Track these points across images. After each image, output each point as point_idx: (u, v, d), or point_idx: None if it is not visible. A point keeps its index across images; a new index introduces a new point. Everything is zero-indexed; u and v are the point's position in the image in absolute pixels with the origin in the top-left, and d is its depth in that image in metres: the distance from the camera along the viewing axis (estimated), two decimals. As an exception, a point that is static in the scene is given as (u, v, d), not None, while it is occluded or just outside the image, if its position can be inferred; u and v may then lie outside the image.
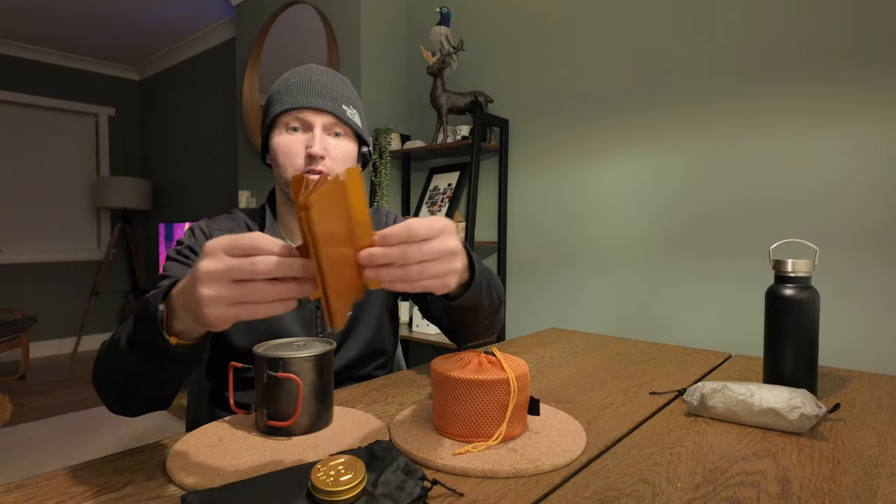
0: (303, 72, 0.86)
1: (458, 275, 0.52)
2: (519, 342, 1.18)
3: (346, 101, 0.87)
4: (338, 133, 0.85)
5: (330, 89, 0.85)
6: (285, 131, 0.84)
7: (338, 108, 0.84)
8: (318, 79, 0.85)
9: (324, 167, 0.82)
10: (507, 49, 2.20)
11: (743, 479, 0.53)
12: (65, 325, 4.37)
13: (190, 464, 0.54)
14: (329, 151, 0.83)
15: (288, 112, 0.83)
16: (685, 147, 1.72)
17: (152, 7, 3.42)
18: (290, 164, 0.83)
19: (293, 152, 0.83)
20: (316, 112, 0.83)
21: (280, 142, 0.83)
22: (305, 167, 0.82)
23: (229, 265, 0.45)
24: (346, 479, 0.45)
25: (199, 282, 0.45)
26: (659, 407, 0.75)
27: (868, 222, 1.40)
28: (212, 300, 0.45)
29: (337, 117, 0.84)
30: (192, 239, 0.86)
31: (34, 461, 2.31)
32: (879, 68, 1.38)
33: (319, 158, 0.82)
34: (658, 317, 1.79)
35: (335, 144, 0.84)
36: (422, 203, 2.41)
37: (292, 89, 0.84)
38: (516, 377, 0.60)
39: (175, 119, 4.27)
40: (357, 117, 0.88)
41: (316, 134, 0.82)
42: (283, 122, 0.84)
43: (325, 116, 0.83)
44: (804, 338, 0.75)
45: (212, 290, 0.45)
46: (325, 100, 0.83)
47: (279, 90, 0.85)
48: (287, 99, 0.83)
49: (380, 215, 0.99)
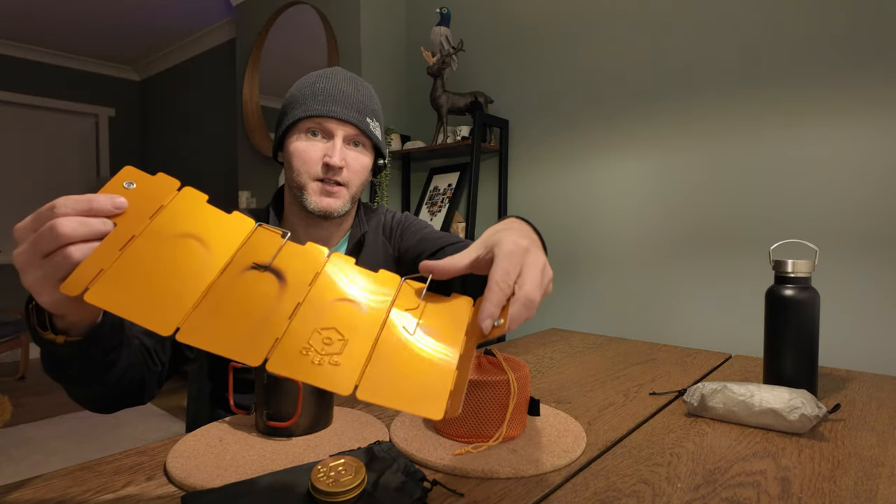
0: (330, 76, 0.85)
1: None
2: (519, 342, 1.18)
3: (371, 113, 0.86)
4: (357, 143, 0.85)
5: (356, 100, 0.84)
6: (304, 136, 0.83)
7: (362, 120, 0.84)
8: (346, 87, 0.84)
9: (340, 178, 0.82)
10: (507, 49, 2.20)
11: (743, 479, 0.52)
12: (65, 325, 4.37)
13: (190, 464, 0.54)
14: (347, 162, 0.83)
15: (311, 118, 0.82)
16: (685, 147, 1.72)
17: (152, 7, 3.42)
18: (305, 170, 0.82)
19: (311, 159, 0.82)
20: (339, 122, 0.82)
21: (298, 146, 0.82)
22: (321, 175, 0.82)
23: (32, 240, 0.40)
24: (346, 479, 0.45)
25: (20, 273, 0.41)
26: (659, 407, 0.75)
27: (868, 222, 1.40)
28: (37, 286, 0.41)
29: (360, 129, 0.83)
30: None
31: (34, 461, 2.31)
32: (880, 68, 1.38)
33: (338, 169, 0.82)
34: (658, 317, 1.79)
35: (354, 157, 0.84)
36: (422, 203, 2.41)
37: (318, 95, 0.82)
38: (516, 377, 0.60)
39: (175, 119, 4.27)
40: (378, 130, 0.88)
41: (336, 144, 0.82)
42: (304, 126, 0.83)
43: (348, 127, 0.83)
44: (804, 338, 0.75)
45: (30, 276, 0.40)
46: (350, 111, 0.83)
47: (304, 93, 0.84)
48: (312, 104, 0.82)
49: (378, 214, 0.98)
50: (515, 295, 0.43)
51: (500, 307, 0.42)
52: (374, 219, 0.96)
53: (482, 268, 0.47)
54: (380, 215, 0.98)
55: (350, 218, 0.93)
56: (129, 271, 0.38)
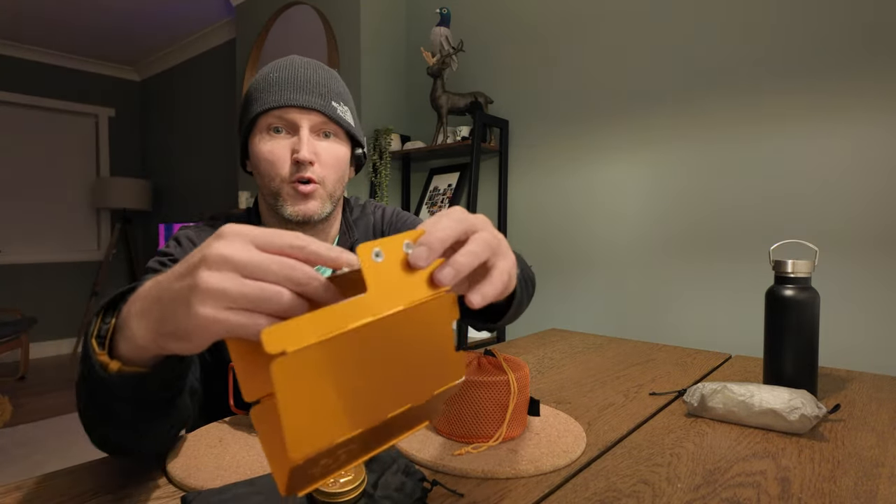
0: (285, 65, 0.75)
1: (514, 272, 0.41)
2: (519, 342, 1.18)
3: (336, 96, 0.76)
4: (327, 134, 0.75)
5: (316, 84, 0.74)
6: (267, 134, 0.73)
7: (327, 105, 0.73)
8: (303, 72, 0.74)
9: (313, 174, 0.72)
10: (507, 50, 2.20)
11: (743, 479, 0.52)
12: (65, 325, 4.37)
13: (190, 464, 0.54)
14: (319, 156, 0.73)
15: (269, 112, 0.72)
16: (685, 148, 1.72)
17: (152, 7, 3.42)
18: (274, 172, 0.72)
19: (278, 158, 0.72)
20: (302, 111, 0.72)
21: (262, 147, 0.73)
22: (293, 175, 0.72)
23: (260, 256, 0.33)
24: (345, 480, 0.45)
25: (204, 265, 0.33)
26: (659, 408, 0.75)
27: (868, 223, 1.40)
28: (214, 294, 0.32)
29: (326, 116, 0.73)
30: (180, 249, 0.75)
31: (34, 461, 2.31)
32: (880, 68, 1.38)
33: (308, 164, 0.72)
34: (658, 317, 1.79)
35: (325, 147, 0.74)
36: (422, 204, 2.41)
37: (273, 85, 0.72)
38: (516, 378, 0.60)
39: (175, 119, 4.27)
40: (349, 115, 0.78)
41: (303, 136, 0.72)
42: (264, 123, 0.73)
43: (313, 115, 0.73)
44: (804, 338, 0.75)
45: (218, 280, 0.32)
46: (311, 96, 0.72)
47: (258, 87, 0.74)
48: (268, 97, 0.72)
49: (365, 215, 0.90)
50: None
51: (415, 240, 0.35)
52: (363, 222, 0.89)
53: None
54: (368, 216, 0.90)
55: (335, 222, 0.83)
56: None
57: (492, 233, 0.39)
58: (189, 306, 0.33)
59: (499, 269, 0.38)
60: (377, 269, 0.33)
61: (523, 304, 0.67)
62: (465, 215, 0.38)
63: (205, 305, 0.32)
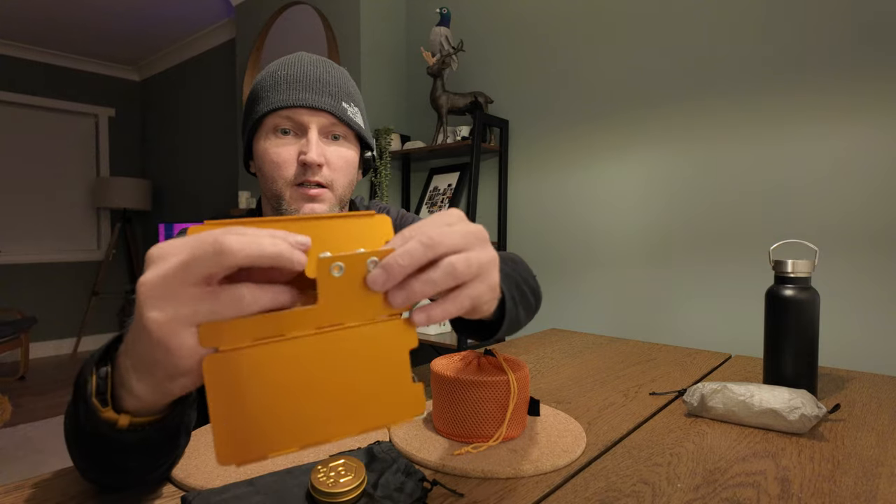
0: (293, 62, 0.71)
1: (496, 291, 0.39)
2: (519, 342, 1.18)
3: (347, 97, 0.73)
4: (336, 136, 0.72)
5: (327, 83, 0.71)
6: (273, 135, 0.70)
7: (337, 105, 0.70)
8: (313, 70, 0.71)
9: (322, 178, 0.69)
10: (507, 50, 2.20)
11: (743, 479, 0.52)
12: (65, 325, 4.37)
13: (190, 464, 0.54)
14: (328, 159, 0.70)
15: (277, 111, 0.69)
16: (685, 148, 1.72)
17: (152, 7, 3.42)
18: (280, 174, 0.69)
19: (284, 161, 0.69)
20: (311, 111, 0.69)
21: (268, 148, 0.70)
22: (299, 178, 0.69)
23: (182, 260, 0.29)
24: (345, 480, 0.45)
25: (143, 305, 0.30)
26: (659, 407, 0.75)
27: (868, 223, 1.40)
28: (180, 320, 0.29)
29: (336, 117, 0.70)
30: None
31: (34, 461, 2.31)
32: (879, 68, 1.38)
33: (317, 167, 0.68)
34: (658, 317, 1.79)
35: (334, 150, 0.71)
36: (422, 203, 2.41)
37: (281, 83, 0.69)
38: (516, 378, 0.60)
39: (175, 119, 4.27)
40: (359, 117, 0.75)
41: (311, 138, 0.68)
42: (270, 123, 0.70)
43: (322, 116, 0.69)
44: (804, 338, 0.75)
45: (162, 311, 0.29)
46: (321, 96, 0.69)
47: (265, 85, 0.71)
48: (275, 95, 0.69)
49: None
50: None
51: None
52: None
53: None
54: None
55: None
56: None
57: (470, 256, 0.36)
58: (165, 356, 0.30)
59: (465, 294, 0.36)
60: (334, 283, 0.32)
61: (520, 320, 0.64)
62: (444, 234, 0.35)
63: (177, 335, 0.30)
